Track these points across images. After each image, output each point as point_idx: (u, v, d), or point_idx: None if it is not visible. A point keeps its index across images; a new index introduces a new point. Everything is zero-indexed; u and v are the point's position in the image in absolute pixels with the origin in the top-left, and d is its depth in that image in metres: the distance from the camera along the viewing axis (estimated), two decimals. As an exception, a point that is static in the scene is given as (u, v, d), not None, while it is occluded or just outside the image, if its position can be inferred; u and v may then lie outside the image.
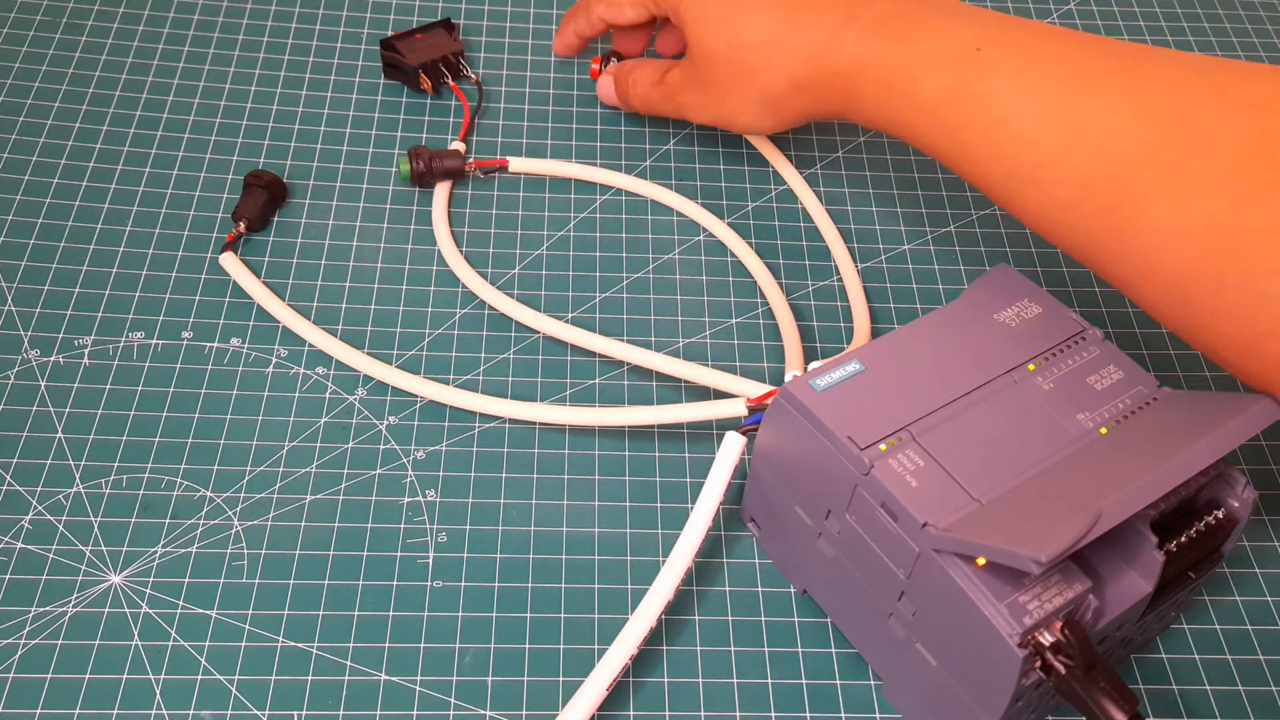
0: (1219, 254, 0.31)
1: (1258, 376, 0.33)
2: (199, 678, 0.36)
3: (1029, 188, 0.36)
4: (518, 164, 0.51)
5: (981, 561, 0.31)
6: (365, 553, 0.39)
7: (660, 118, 0.54)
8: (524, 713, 0.36)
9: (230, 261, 0.46)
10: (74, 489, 0.40)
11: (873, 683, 0.38)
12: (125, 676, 0.36)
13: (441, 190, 0.50)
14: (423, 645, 0.37)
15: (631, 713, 0.37)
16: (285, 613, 0.38)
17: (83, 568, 0.38)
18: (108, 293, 0.46)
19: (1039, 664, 0.31)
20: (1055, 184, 0.35)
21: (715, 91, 0.46)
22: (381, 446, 0.42)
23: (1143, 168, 0.33)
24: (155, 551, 0.39)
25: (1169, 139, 0.33)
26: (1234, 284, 0.31)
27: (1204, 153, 0.32)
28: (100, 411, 0.42)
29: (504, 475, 0.42)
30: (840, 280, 0.48)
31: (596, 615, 0.39)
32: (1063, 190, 0.35)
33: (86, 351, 0.44)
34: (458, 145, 0.51)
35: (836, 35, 0.41)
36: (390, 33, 0.56)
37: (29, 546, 0.39)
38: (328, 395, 0.43)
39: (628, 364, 0.45)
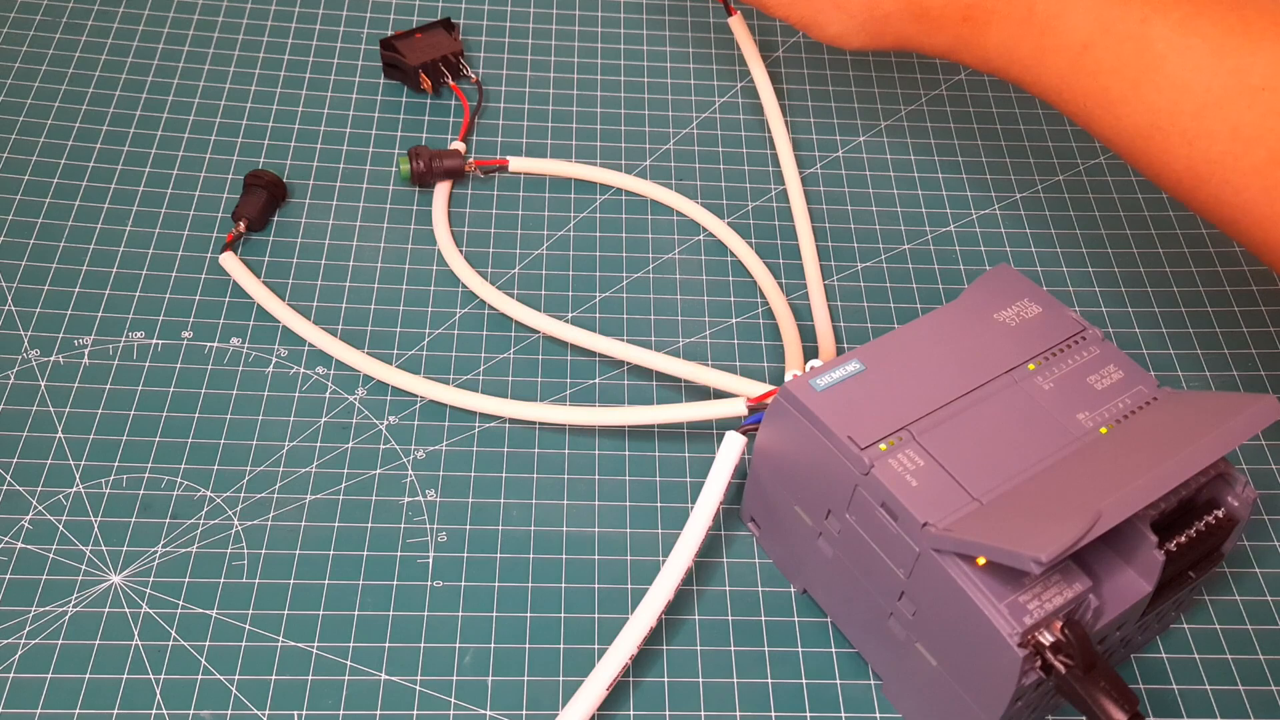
0: None
1: None
2: (199, 678, 0.36)
3: (1176, 140, 0.34)
4: (518, 164, 0.51)
5: (981, 561, 0.31)
6: (365, 553, 0.39)
7: (660, 107, 0.54)
8: (524, 713, 0.36)
9: (230, 261, 0.46)
10: (74, 489, 0.40)
11: (873, 683, 0.38)
12: (125, 676, 0.36)
13: (441, 190, 0.50)
14: (423, 645, 0.37)
15: (631, 713, 0.37)
16: (285, 613, 0.38)
17: (83, 568, 0.38)
18: (108, 293, 0.46)
19: (1039, 664, 0.31)
20: (1210, 137, 0.33)
21: None
22: (381, 446, 0.42)
23: None
24: (155, 551, 0.39)
25: None
26: None
27: None
28: (100, 411, 0.42)
29: (504, 475, 0.42)
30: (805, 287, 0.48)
31: (596, 615, 0.39)
32: (1217, 145, 0.33)
33: (86, 351, 0.44)
34: (458, 145, 0.51)
35: None
36: (390, 33, 0.56)
37: (29, 546, 0.39)
38: (328, 395, 0.43)
39: (628, 364, 0.45)
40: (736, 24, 0.53)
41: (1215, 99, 0.33)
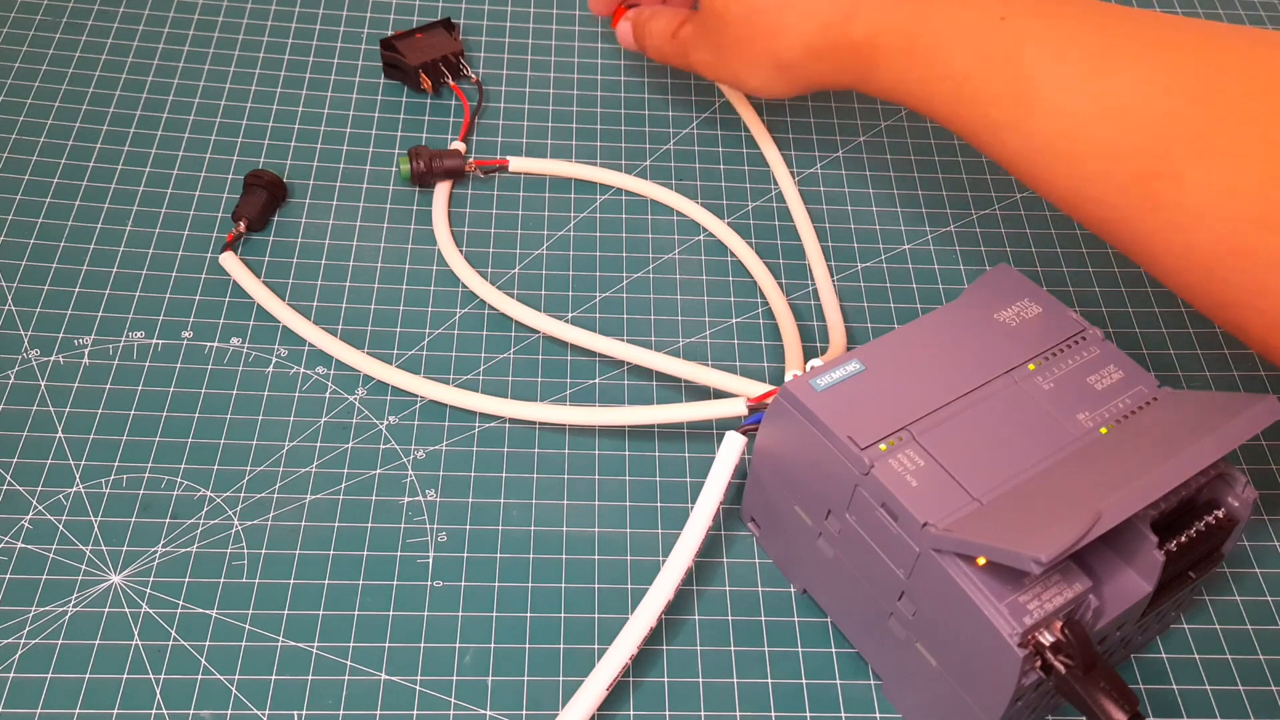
0: (1253, 230, 0.31)
1: None
2: (199, 677, 0.36)
3: (1057, 162, 0.35)
4: (518, 164, 0.51)
5: (981, 561, 0.31)
6: (365, 553, 0.39)
7: (661, 107, 0.54)
8: (524, 713, 0.36)
9: (230, 261, 0.46)
10: (74, 489, 0.40)
11: (873, 683, 0.38)
12: (125, 676, 0.36)
13: (441, 190, 0.50)
14: (423, 645, 0.37)
15: (631, 713, 0.37)
16: (285, 612, 0.38)
17: (83, 567, 0.38)
18: (108, 293, 0.46)
19: (1039, 664, 0.31)
20: (1085, 158, 0.35)
21: (726, 52, 0.44)
22: (381, 446, 0.42)
23: (1175, 141, 0.32)
24: (155, 551, 0.39)
25: (1202, 111, 0.32)
26: (1261, 259, 0.31)
27: (1238, 125, 0.31)
28: (100, 411, 0.42)
29: (504, 475, 0.42)
30: (814, 285, 0.48)
31: (596, 615, 0.39)
32: (1092, 164, 0.34)
33: (86, 351, 0.44)
34: (458, 145, 0.51)
35: (855, 2, 0.40)
36: (390, 33, 0.55)
37: (29, 546, 0.39)
38: (328, 395, 0.43)
39: (628, 364, 0.45)
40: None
41: (1084, 121, 0.34)
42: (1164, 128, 0.33)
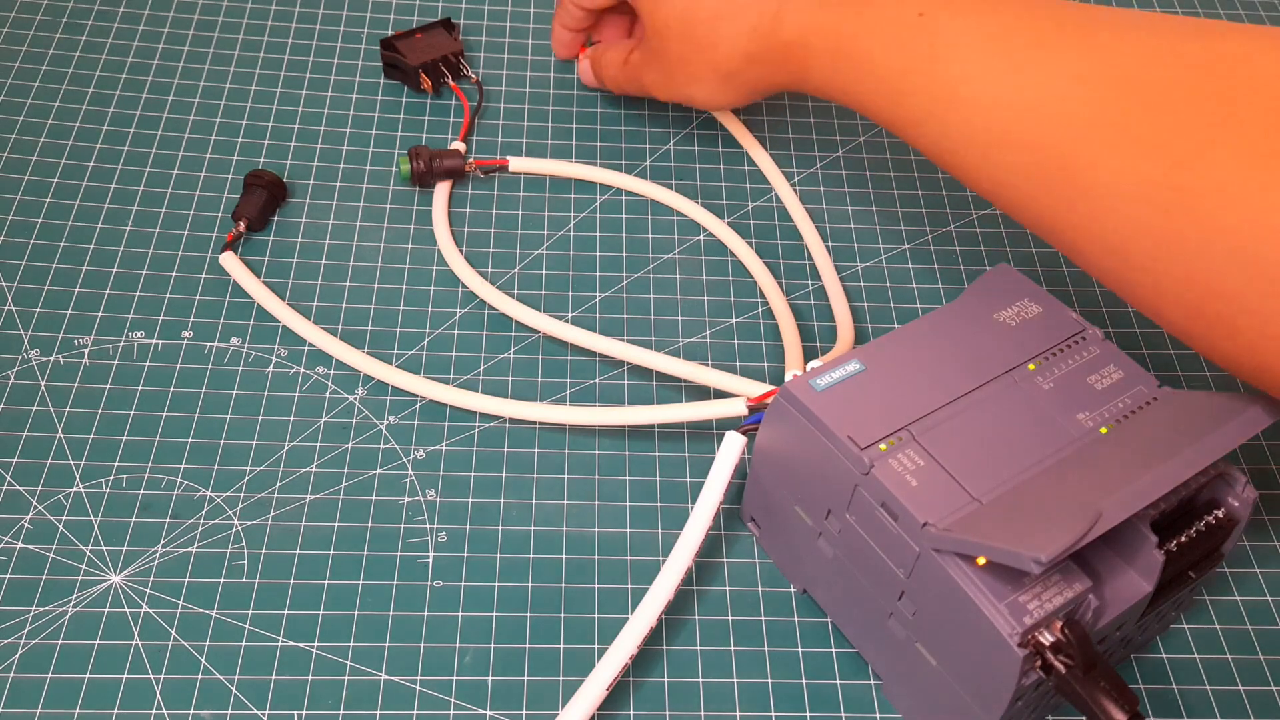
0: (1164, 215, 0.31)
1: (1200, 337, 0.32)
2: (199, 677, 0.36)
3: (979, 155, 0.36)
4: (518, 164, 0.51)
5: (981, 561, 0.31)
6: (365, 553, 0.39)
7: (661, 108, 0.54)
8: (524, 713, 0.36)
9: (230, 261, 0.46)
10: (74, 489, 0.40)
11: (873, 683, 0.38)
12: (125, 676, 0.36)
13: (441, 190, 0.50)
14: (423, 645, 0.37)
15: (631, 713, 0.37)
16: (285, 612, 0.38)
17: (83, 567, 0.38)
18: (108, 293, 0.46)
19: (1039, 664, 0.31)
20: (1005, 150, 0.35)
21: (672, 69, 0.46)
22: (381, 446, 0.42)
23: (1090, 130, 0.33)
24: (155, 551, 0.39)
25: (1115, 100, 0.33)
26: (1174, 245, 0.31)
27: (1150, 113, 0.32)
28: (100, 411, 0.42)
29: (504, 475, 0.42)
30: (820, 284, 0.48)
31: (596, 615, 0.39)
32: (1012, 156, 0.35)
33: (86, 351, 0.44)
34: (458, 145, 0.51)
35: (782, 5, 0.41)
36: (390, 33, 0.56)
37: (29, 546, 0.39)
38: (328, 395, 0.43)
39: (628, 364, 0.45)
40: None
41: (1003, 113, 0.35)
42: (1080, 118, 0.33)
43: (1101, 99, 0.33)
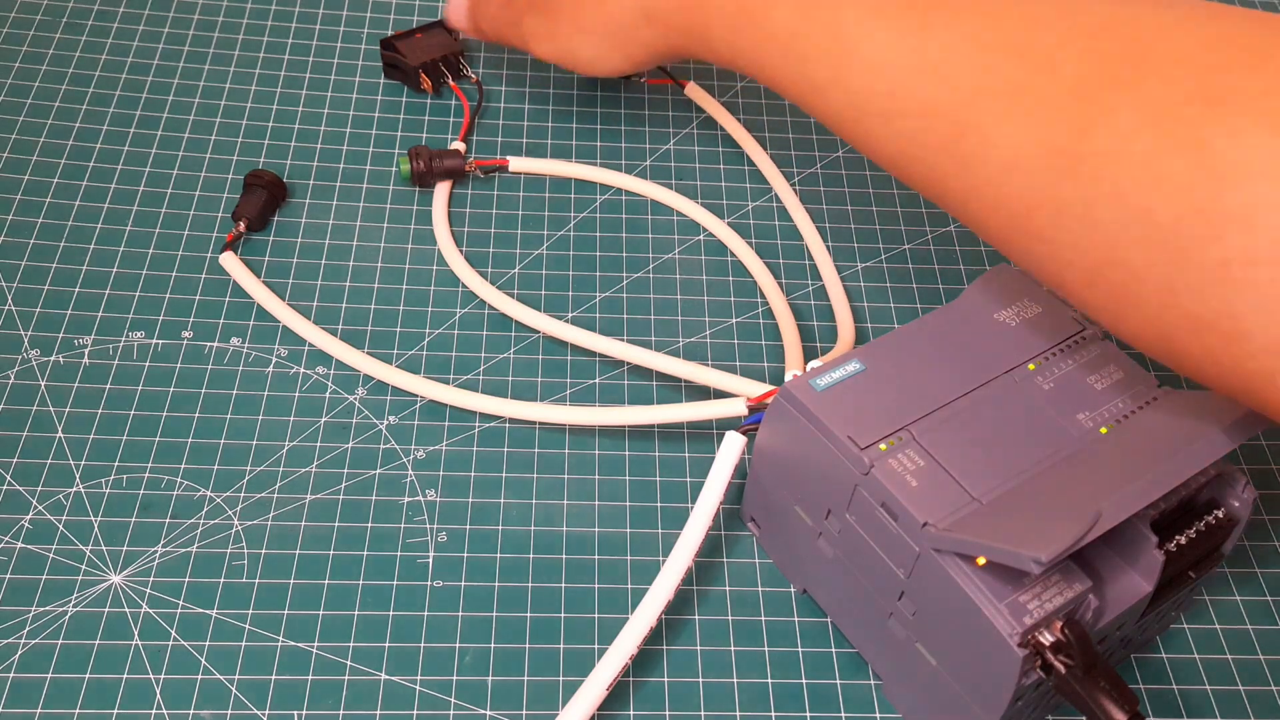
0: (1058, 181, 0.30)
1: (1102, 308, 0.31)
2: (199, 677, 0.36)
3: (877, 121, 0.35)
4: (518, 164, 0.51)
5: (981, 561, 0.31)
6: (365, 553, 0.39)
7: (660, 107, 0.54)
8: (524, 713, 0.36)
9: (230, 261, 0.46)
10: (74, 489, 0.40)
11: (873, 683, 0.38)
12: (125, 676, 0.36)
13: (441, 190, 0.50)
14: (423, 645, 0.37)
15: (631, 713, 0.37)
16: (285, 612, 0.38)
17: (83, 567, 0.38)
18: (108, 293, 0.46)
19: (1039, 664, 0.31)
20: (902, 116, 0.34)
21: (560, 19, 0.44)
22: (381, 446, 0.42)
23: (983, 95, 0.32)
24: (155, 551, 0.39)
25: (1009, 64, 0.32)
26: (1073, 212, 0.30)
27: (1043, 77, 0.31)
28: (100, 411, 0.42)
29: (504, 475, 0.42)
30: (820, 283, 0.48)
31: (596, 615, 0.39)
32: (909, 123, 0.34)
33: (86, 351, 0.44)
34: (458, 145, 0.51)
35: None
36: (390, 33, 0.55)
37: (29, 546, 0.39)
38: (328, 395, 0.43)
39: (628, 364, 0.45)
40: (693, 91, 0.55)
41: (902, 78, 0.34)
42: (975, 83, 0.32)
43: (994, 62, 0.32)
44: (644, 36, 0.42)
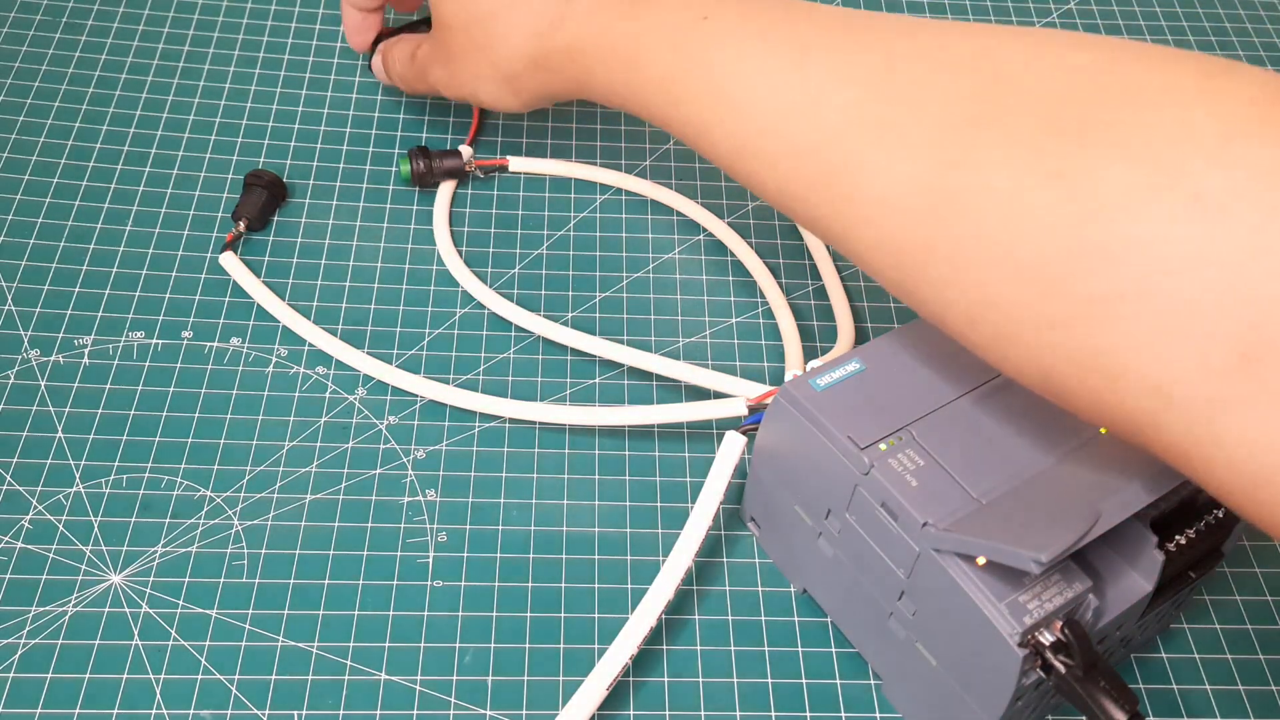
0: (929, 219, 0.30)
1: (987, 348, 0.30)
2: (199, 677, 0.36)
3: (755, 162, 0.35)
4: (518, 164, 0.51)
5: (981, 561, 0.31)
6: (365, 552, 0.39)
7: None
8: (524, 713, 0.36)
9: (230, 261, 0.46)
10: (74, 489, 0.40)
11: (873, 682, 0.38)
12: (125, 676, 0.36)
13: (444, 192, 0.50)
14: (423, 645, 0.37)
15: (631, 713, 0.37)
16: (285, 612, 0.38)
17: (83, 567, 0.38)
18: (108, 293, 0.46)
19: (1039, 663, 0.31)
20: (777, 156, 0.34)
21: (457, 65, 0.44)
22: (381, 446, 0.42)
23: (851, 132, 0.32)
24: (155, 551, 0.39)
25: (875, 100, 0.31)
26: (943, 251, 0.29)
27: (910, 113, 0.30)
28: (100, 411, 0.42)
29: (504, 475, 0.42)
30: (820, 283, 0.48)
31: (596, 615, 0.39)
32: (784, 163, 0.34)
33: (86, 351, 0.44)
34: (465, 149, 0.51)
35: (561, 8, 0.40)
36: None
37: (29, 546, 0.39)
38: (328, 395, 0.43)
39: (627, 366, 0.45)
40: None
41: (774, 120, 0.34)
42: (843, 120, 0.32)
43: (861, 98, 0.32)
44: (532, 82, 0.42)
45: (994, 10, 0.62)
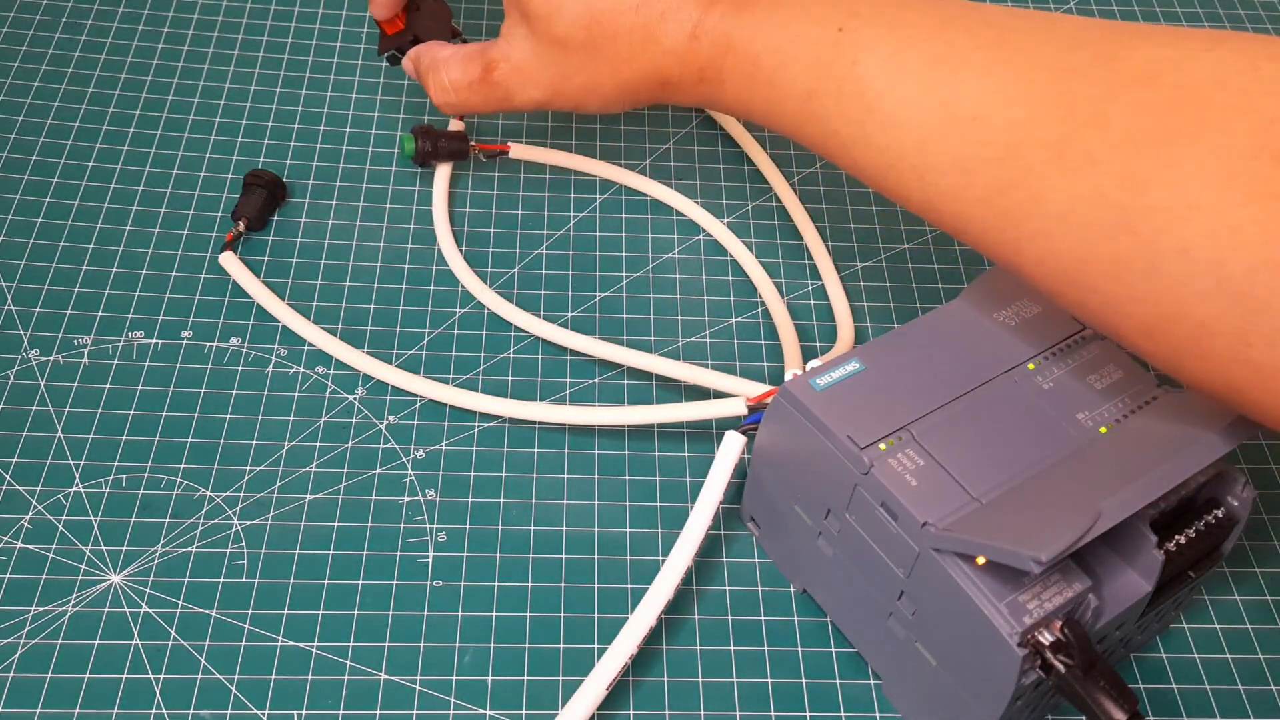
0: (1117, 235, 0.29)
1: (1163, 359, 0.30)
2: (199, 677, 0.36)
3: (908, 176, 0.34)
4: (519, 150, 0.51)
5: (981, 561, 0.31)
6: (365, 552, 0.39)
7: (661, 107, 0.54)
8: (524, 713, 0.36)
9: (230, 261, 0.46)
10: (74, 488, 0.40)
11: (873, 682, 0.38)
12: (125, 676, 0.36)
13: (442, 173, 0.50)
14: (423, 645, 0.37)
15: (631, 712, 0.37)
16: (285, 612, 0.38)
17: (83, 567, 0.38)
18: (107, 292, 0.46)
19: (1039, 663, 0.31)
20: (935, 171, 0.33)
21: (569, 84, 0.41)
22: (381, 446, 0.42)
23: (1028, 148, 0.31)
24: (155, 551, 0.39)
25: (1053, 116, 0.31)
26: (1134, 267, 0.29)
27: (1093, 129, 0.30)
28: (100, 411, 0.42)
29: (504, 475, 0.42)
30: (820, 283, 0.48)
31: (596, 615, 0.39)
32: (943, 178, 0.33)
33: (86, 351, 0.44)
34: (458, 125, 0.51)
35: (699, 22, 0.38)
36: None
37: (29, 546, 0.39)
38: (327, 395, 0.43)
39: (626, 366, 0.45)
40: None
41: (932, 134, 0.33)
42: (1016, 137, 0.31)
43: (1037, 114, 0.31)
44: (655, 95, 0.41)
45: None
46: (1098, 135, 0.30)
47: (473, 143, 0.50)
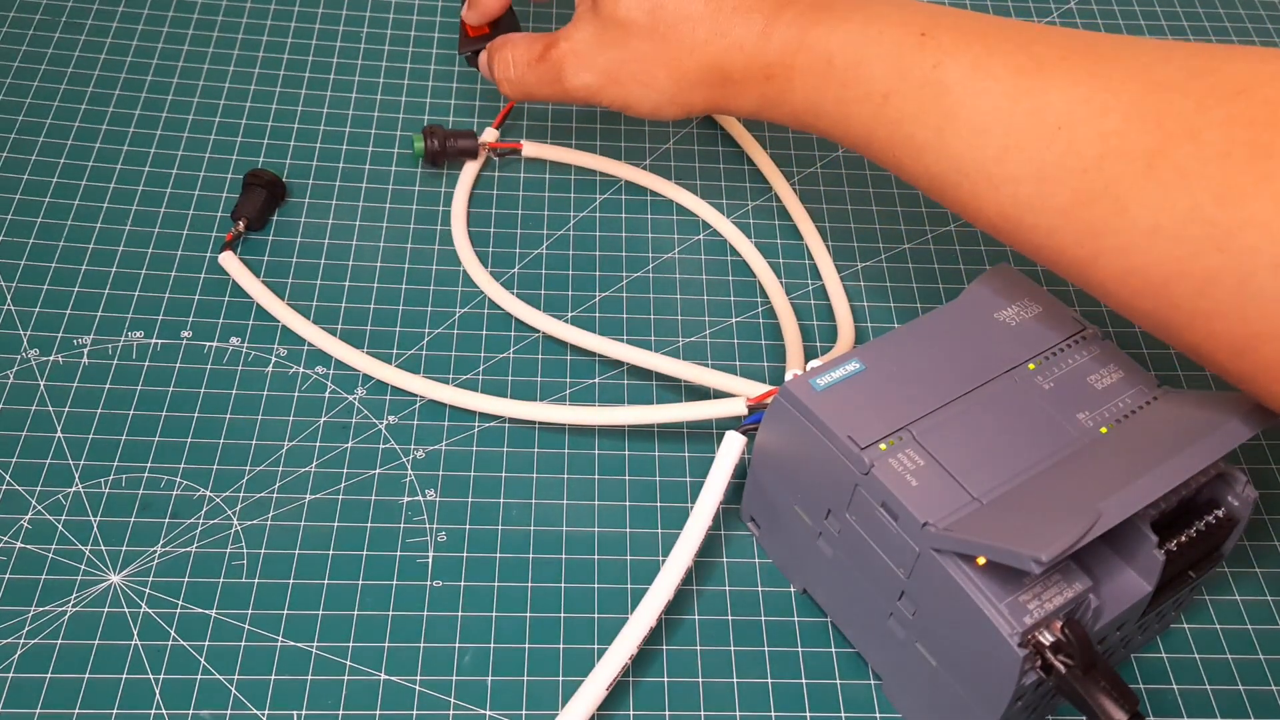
0: (1208, 251, 0.29)
1: (1249, 378, 0.31)
2: (199, 677, 0.36)
3: (983, 185, 0.34)
4: (531, 149, 0.51)
5: (981, 561, 0.31)
6: (365, 552, 0.39)
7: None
8: (524, 713, 0.36)
9: (230, 261, 0.46)
10: (73, 489, 0.40)
11: (873, 682, 0.38)
12: (125, 676, 0.36)
13: (467, 173, 0.50)
14: (423, 645, 0.37)
15: (631, 713, 0.37)
16: (285, 612, 0.38)
17: (82, 567, 0.38)
18: (107, 292, 0.46)
19: (1039, 663, 0.31)
20: (1014, 181, 0.33)
21: (625, 71, 0.40)
22: (381, 446, 0.42)
23: (1116, 161, 0.31)
24: (155, 551, 0.39)
25: (1144, 129, 0.31)
26: (1225, 283, 0.29)
27: (1184, 142, 0.30)
28: (100, 411, 0.42)
29: (504, 475, 0.42)
30: (820, 283, 0.48)
31: (596, 615, 0.39)
32: (1022, 188, 0.33)
33: (86, 351, 0.44)
34: (491, 131, 0.51)
35: (772, 18, 0.37)
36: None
37: (29, 546, 0.39)
38: (327, 395, 0.43)
39: (627, 364, 0.45)
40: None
41: (1015, 142, 0.33)
42: (1106, 148, 0.31)
43: (1125, 127, 0.31)
44: (713, 95, 0.40)
45: (993, 9, 0.62)
46: (1190, 148, 0.30)
47: (484, 141, 0.50)
